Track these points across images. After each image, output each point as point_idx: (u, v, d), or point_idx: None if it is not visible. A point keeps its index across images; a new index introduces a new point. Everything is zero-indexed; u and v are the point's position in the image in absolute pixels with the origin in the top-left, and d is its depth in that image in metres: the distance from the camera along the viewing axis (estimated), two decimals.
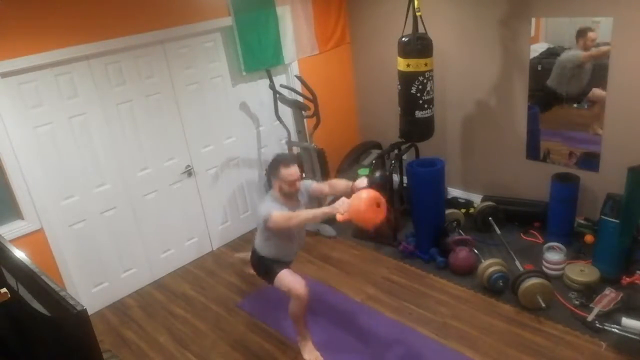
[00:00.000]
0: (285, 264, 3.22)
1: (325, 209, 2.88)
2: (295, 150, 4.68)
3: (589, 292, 3.45)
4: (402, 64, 3.93)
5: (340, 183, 3.17)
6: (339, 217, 2.78)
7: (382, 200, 2.83)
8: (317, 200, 3.58)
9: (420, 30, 3.86)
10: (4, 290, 1.67)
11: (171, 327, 3.75)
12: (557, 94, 3.98)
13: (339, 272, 4.15)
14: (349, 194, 2.98)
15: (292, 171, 2.99)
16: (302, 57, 4.84)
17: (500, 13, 4.11)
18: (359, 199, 2.75)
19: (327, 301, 3.81)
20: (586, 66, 3.77)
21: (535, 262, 3.86)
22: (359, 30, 5.18)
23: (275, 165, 3.04)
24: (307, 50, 4.87)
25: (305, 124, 4.51)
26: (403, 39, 3.90)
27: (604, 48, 3.64)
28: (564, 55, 3.85)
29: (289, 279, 3.10)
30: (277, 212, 2.94)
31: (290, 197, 3.07)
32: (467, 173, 4.92)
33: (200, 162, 4.42)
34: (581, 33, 3.71)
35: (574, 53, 3.79)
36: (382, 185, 3.06)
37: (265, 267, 3.22)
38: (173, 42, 3.99)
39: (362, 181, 3.02)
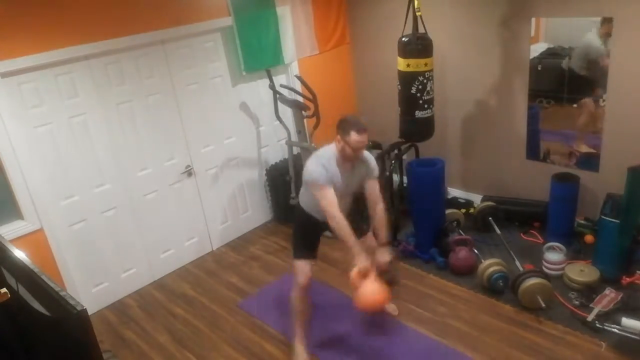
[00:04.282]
0: (319, 229, 3.14)
1: (355, 249, 2.80)
2: (296, 150, 4.67)
3: (589, 292, 3.45)
4: (402, 64, 3.93)
5: (380, 224, 3.05)
6: (353, 275, 2.81)
7: (385, 304, 2.98)
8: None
9: (420, 30, 3.86)
10: (4, 290, 1.67)
11: (171, 327, 3.75)
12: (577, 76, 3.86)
13: (339, 272, 4.15)
14: (369, 248, 3.04)
15: (363, 139, 2.81)
16: (302, 57, 4.84)
17: (500, 13, 4.11)
18: (371, 293, 2.80)
19: (327, 301, 3.81)
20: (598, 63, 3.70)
21: (535, 262, 3.86)
22: (359, 30, 5.18)
23: (347, 126, 2.81)
24: (307, 50, 4.87)
25: (305, 124, 4.51)
26: (403, 39, 3.90)
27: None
28: (585, 41, 3.73)
29: (301, 267, 3.08)
30: (328, 193, 2.78)
31: (348, 160, 2.90)
32: (467, 173, 4.92)
33: (200, 162, 4.42)
34: (605, 22, 3.60)
35: (592, 41, 3.68)
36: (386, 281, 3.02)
37: (300, 233, 3.16)
38: (173, 42, 3.99)
39: (384, 258, 2.99)
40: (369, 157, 3.07)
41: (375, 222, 3.08)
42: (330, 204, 2.80)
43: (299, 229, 3.21)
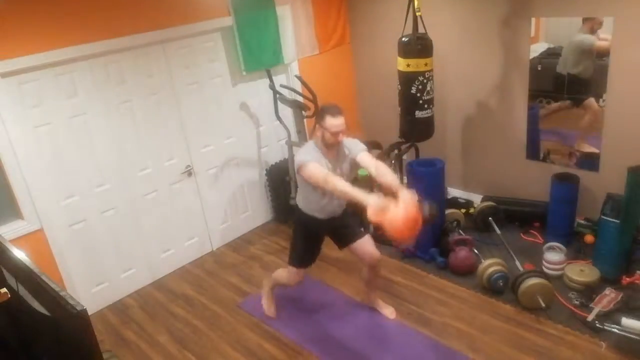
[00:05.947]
0: (321, 234, 3.26)
1: (360, 195, 2.63)
2: (296, 150, 4.67)
3: (589, 292, 3.45)
4: (402, 64, 3.93)
5: (389, 175, 2.83)
6: (371, 216, 2.54)
7: (420, 223, 2.60)
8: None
9: (420, 30, 3.87)
10: (4, 290, 1.67)
11: (171, 327, 3.75)
12: (565, 77, 3.88)
13: (339, 272, 4.15)
14: (390, 193, 2.73)
15: (338, 122, 2.85)
16: (302, 57, 4.84)
17: (500, 13, 4.11)
18: (399, 214, 2.51)
19: (327, 301, 3.81)
20: (593, 53, 3.70)
21: (535, 262, 3.86)
22: (359, 30, 5.18)
23: (322, 113, 2.92)
24: (307, 50, 4.87)
25: (305, 124, 4.51)
26: (403, 39, 3.90)
27: (605, 41, 3.61)
28: (575, 39, 3.77)
29: (292, 273, 3.28)
30: (316, 165, 2.84)
31: (331, 148, 2.97)
32: (467, 173, 4.92)
33: (200, 162, 4.42)
34: (587, 19, 3.66)
35: (584, 37, 3.70)
36: (425, 219, 2.79)
37: (298, 237, 3.26)
38: (173, 42, 3.99)
39: (410, 195, 2.64)
40: (353, 141, 3.05)
41: (383, 177, 2.84)
42: (319, 172, 2.80)
43: (301, 233, 3.25)
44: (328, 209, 3.10)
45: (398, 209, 2.54)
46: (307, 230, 3.20)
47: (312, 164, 2.84)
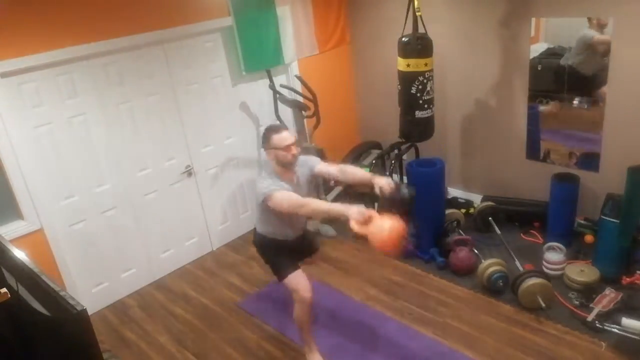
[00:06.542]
0: (288, 250, 3.07)
1: (340, 209, 2.59)
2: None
3: (589, 292, 3.45)
4: (402, 64, 3.93)
5: (358, 172, 2.88)
6: (354, 226, 2.53)
7: (404, 232, 2.57)
8: (319, 182, 3.29)
9: (420, 30, 3.87)
10: (4, 290, 1.66)
11: (171, 327, 3.75)
12: (566, 69, 3.86)
13: (339, 272, 4.15)
14: (367, 186, 2.78)
15: (284, 135, 2.74)
16: (302, 57, 4.84)
17: (500, 13, 4.11)
18: (382, 227, 2.50)
19: (327, 301, 3.81)
20: (597, 49, 3.68)
21: (535, 262, 3.86)
22: (359, 30, 5.18)
23: (266, 134, 2.79)
24: (307, 51, 4.87)
25: (305, 124, 4.51)
26: (403, 39, 3.90)
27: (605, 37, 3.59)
28: (581, 33, 3.73)
29: (296, 281, 2.99)
30: (284, 192, 2.68)
31: (287, 168, 2.81)
32: (467, 173, 4.92)
33: (200, 162, 4.42)
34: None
35: (587, 32, 3.69)
36: (404, 202, 2.71)
37: (270, 255, 3.10)
38: (173, 42, 3.99)
39: (387, 183, 2.70)
40: (304, 157, 2.98)
41: (351, 175, 2.89)
42: (292, 199, 2.68)
43: (270, 253, 3.12)
44: (289, 233, 3.05)
45: (383, 220, 2.51)
46: (276, 248, 3.07)
47: (280, 192, 2.67)
